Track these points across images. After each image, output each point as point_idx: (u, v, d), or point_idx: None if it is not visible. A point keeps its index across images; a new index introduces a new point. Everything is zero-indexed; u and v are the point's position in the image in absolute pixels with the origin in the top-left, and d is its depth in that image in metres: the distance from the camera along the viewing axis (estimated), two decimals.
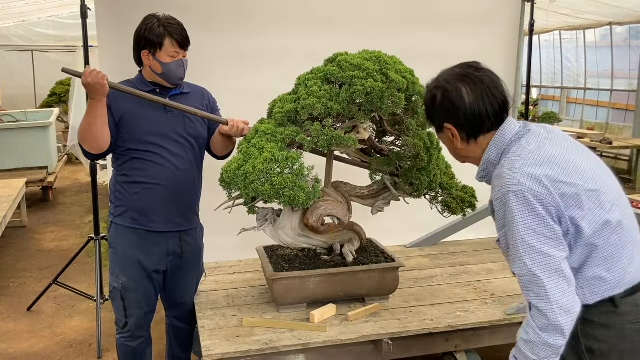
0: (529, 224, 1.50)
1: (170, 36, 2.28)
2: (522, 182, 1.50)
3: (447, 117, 1.66)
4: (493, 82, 1.63)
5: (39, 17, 9.06)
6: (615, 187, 1.63)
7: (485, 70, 1.66)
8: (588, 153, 1.65)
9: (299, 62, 2.56)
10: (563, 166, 1.54)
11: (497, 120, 1.64)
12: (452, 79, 1.64)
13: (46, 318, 3.79)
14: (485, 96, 1.61)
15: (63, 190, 7.47)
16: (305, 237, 2.50)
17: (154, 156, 2.32)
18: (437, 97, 1.66)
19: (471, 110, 1.61)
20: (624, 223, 1.58)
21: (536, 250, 1.49)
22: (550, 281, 1.48)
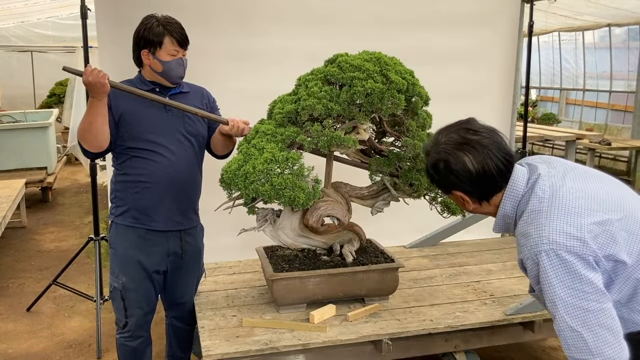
0: (566, 283, 1.44)
1: (169, 35, 2.29)
2: (553, 240, 1.45)
3: (453, 186, 1.61)
4: (494, 143, 1.57)
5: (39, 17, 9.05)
6: (633, 199, 1.59)
7: (483, 131, 1.59)
8: (596, 174, 1.63)
9: (299, 63, 2.56)
10: (584, 205, 1.49)
11: (505, 178, 1.59)
12: (452, 148, 1.58)
13: (45, 318, 3.79)
14: (489, 160, 1.55)
15: (62, 190, 7.47)
16: (305, 237, 2.50)
17: (154, 155, 2.32)
18: (439, 167, 1.61)
19: (477, 178, 1.56)
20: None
21: (576, 307, 1.43)
22: (592, 336, 1.42)
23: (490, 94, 4.00)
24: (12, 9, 7.39)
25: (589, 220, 1.47)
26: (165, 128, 2.34)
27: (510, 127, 4.11)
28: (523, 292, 2.70)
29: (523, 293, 2.69)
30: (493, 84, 4.00)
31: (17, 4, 7.02)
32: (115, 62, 2.91)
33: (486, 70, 3.95)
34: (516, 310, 2.51)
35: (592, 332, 1.42)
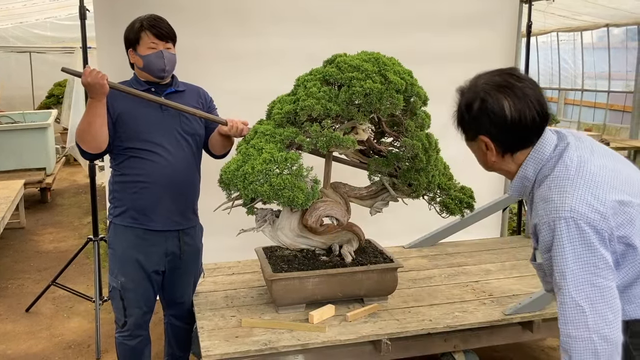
0: (579, 255, 1.42)
1: (146, 29, 2.33)
2: (575, 209, 1.42)
3: (483, 129, 1.54)
4: (536, 95, 1.51)
5: (37, 18, 9.05)
6: None
7: (527, 80, 1.53)
8: (619, 157, 1.59)
9: (298, 63, 2.57)
10: (609, 182, 1.46)
11: (537, 135, 1.54)
12: (492, 88, 1.52)
13: (45, 319, 3.79)
14: (528, 110, 1.48)
15: (61, 191, 7.46)
16: (304, 237, 2.51)
17: (151, 154, 2.33)
18: (473, 106, 1.53)
19: (512, 126, 1.49)
20: None
21: (584, 281, 1.42)
22: (593, 313, 1.41)
23: None
24: (11, 9, 7.39)
25: (613, 197, 1.44)
26: (162, 128, 2.35)
27: None
28: (522, 292, 2.71)
29: (522, 293, 2.70)
30: None
31: (16, 5, 7.02)
32: (114, 63, 2.91)
33: (485, 70, 3.95)
34: (515, 310, 2.51)
35: (594, 309, 1.41)
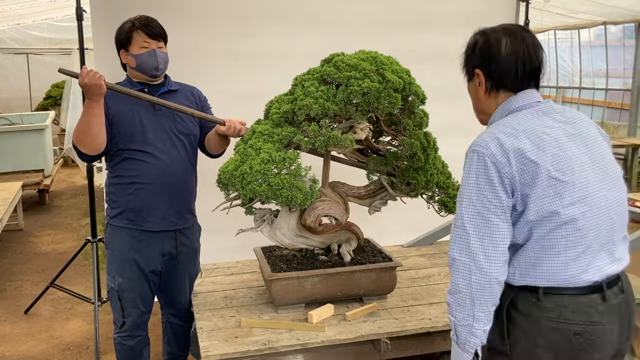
0: (480, 187, 1.54)
1: (137, 29, 2.34)
2: (488, 146, 1.54)
3: (480, 62, 1.68)
4: (534, 46, 1.64)
5: (34, 19, 9.04)
6: (603, 191, 1.59)
7: (532, 34, 1.67)
8: (595, 149, 1.62)
9: (297, 63, 2.56)
10: (538, 144, 1.54)
11: (522, 81, 1.65)
12: (498, 29, 1.68)
13: (43, 321, 3.79)
14: (521, 54, 1.62)
15: (59, 193, 7.46)
16: (303, 237, 2.50)
17: (146, 155, 2.33)
18: (477, 41, 1.69)
19: (504, 61, 1.63)
20: (580, 224, 1.54)
21: (477, 213, 1.53)
22: (478, 244, 1.53)
23: None
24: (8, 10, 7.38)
25: (530, 155, 1.52)
26: (156, 128, 2.36)
27: None
28: None
29: None
30: None
31: (13, 6, 7.01)
32: (111, 64, 2.90)
33: None
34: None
35: (479, 240, 1.53)
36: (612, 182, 1.62)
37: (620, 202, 1.63)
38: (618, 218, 1.62)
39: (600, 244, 1.58)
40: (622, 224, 1.65)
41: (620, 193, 1.64)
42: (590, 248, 1.57)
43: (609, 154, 1.66)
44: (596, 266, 1.57)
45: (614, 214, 1.61)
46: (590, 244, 1.57)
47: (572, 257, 1.56)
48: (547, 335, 1.57)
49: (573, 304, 1.56)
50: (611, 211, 1.60)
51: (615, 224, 1.61)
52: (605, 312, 1.57)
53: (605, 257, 1.59)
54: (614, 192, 1.62)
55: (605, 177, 1.61)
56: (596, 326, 1.55)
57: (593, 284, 1.57)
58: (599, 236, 1.58)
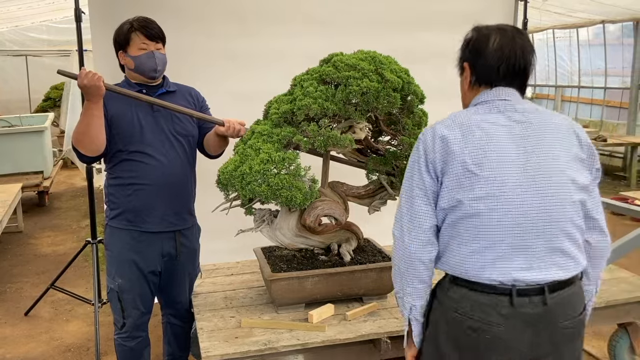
0: (413, 169, 1.65)
1: (136, 30, 2.34)
2: (426, 133, 1.63)
3: (468, 55, 1.69)
4: (523, 47, 1.63)
5: (33, 21, 9.04)
6: (524, 195, 1.53)
7: (526, 38, 1.67)
8: (537, 155, 1.56)
9: (295, 63, 2.57)
10: (466, 136, 1.57)
11: (503, 79, 1.64)
12: (492, 26, 1.68)
13: (44, 322, 3.79)
14: (508, 51, 1.61)
15: (59, 194, 7.46)
16: (303, 237, 2.50)
17: (144, 156, 2.33)
18: (470, 37, 1.70)
19: (490, 56, 1.63)
20: (484, 219, 1.54)
21: (408, 193, 1.64)
22: (407, 219, 1.64)
23: None
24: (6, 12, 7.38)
25: (454, 147, 1.57)
26: (154, 129, 2.36)
27: None
28: None
29: None
30: None
31: (11, 8, 7.01)
32: (110, 65, 2.90)
33: None
34: None
35: (409, 220, 1.63)
36: (541, 191, 1.55)
37: (550, 212, 1.54)
38: (546, 227, 1.55)
39: (511, 246, 1.54)
40: (555, 235, 1.55)
41: (551, 204, 1.55)
42: (494, 247, 1.54)
43: (559, 164, 1.57)
44: (503, 267, 1.54)
45: (538, 220, 1.54)
46: (494, 242, 1.54)
47: (472, 251, 1.56)
48: (448, 324, 1.62)
49: (474, 298, 1.57)
50: (531, 217, 1.54)
51: (538, 231, 1.54)
52: (511, 317, 1.54)
53: (520, 262, 1.54)
54: (540, 201, 1.54)
55: (534, 183, 1.55)
56: (493, 327, 1.54)
57: (499, 285, 1.55)
58: (508, 238, 1.54)
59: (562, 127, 1.62)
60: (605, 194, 6.90)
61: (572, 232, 1.58)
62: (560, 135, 1.61)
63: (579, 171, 1.59)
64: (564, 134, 1.61)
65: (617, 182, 8.29)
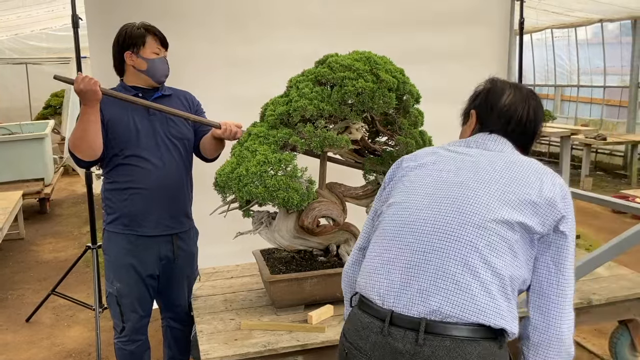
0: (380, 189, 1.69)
1: (151, 34, 2.36)
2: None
3: (478, 104, 1.65)
4: (536, 111, 1.59)
5: (32, 29, 9.08)
6: (429, 230, 1.41)
7: (539, 102, 1.62)
8: (463, 191, 1.44)
9: (295, 67, 2.57)
10: (418, 156, 1.62)
11: (508, 135, 1.58)
12: (509, 81, 1.66)
13: (45, 328, 3.79)
14: (520, 110, 1.57)
15: (60, 201, 7.47)
16: (301, 238, 2.51)
17: (140, 160, 2.34)
18: (484, 89, 1.67)
19: (499, 110, 1.58)
20: (387, 235, 1.48)
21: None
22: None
23: None
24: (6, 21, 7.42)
25: (404, 162, 1.63)
26: (150, 133, 2.37)
27: None
28: None
29: None
30: None
31: (10, 16, 7.04)
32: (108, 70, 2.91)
33: (478, 68, 3.96)
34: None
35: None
36: (447, 231, 1.40)
37: (449, 253, 1.37)
38: (443, 265, 1.37)
39: (400, 272, 1.41)
40: (451, 275, 1.35)
41: (455, 245, 1.38)
42: (386, 267, 1.45)
43: (483, 196, 1.41)
44: (384, 291, 1.42)
45: (435, 258, 1.38)
46: (387, 263, 1.45)
47: (369, 266, 1.50)
48: (343, 340, 1.53)
49: (357, 318, 1.47)
50: (427, 253, 1.40)
51: (432, 267, 1.38)
52: (379, 347, 1.38)
53: (407, 292, 1.38)
54: (442, 239, 1.40)
55: (439, 204, 1.44)
56: (361, 356, 1.41)
57: (380, 309, 1.41)
58: (400, 264, 1.42)
59: (524, 167, 1.47)
60: (606, 193, 6.91)
61: (477, 268, 1.35)
62: (516, 173, 1.45)
63: (520, 212, 1.39)
64: (522, 174, 1.45)
65: (618, 181, 8.28)
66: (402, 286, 1.39)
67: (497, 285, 1.34)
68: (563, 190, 1.45)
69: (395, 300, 1.39)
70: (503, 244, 1.37)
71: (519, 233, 1.39)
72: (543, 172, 1.47)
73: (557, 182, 1.46)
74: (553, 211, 1.41)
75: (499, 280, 1.35)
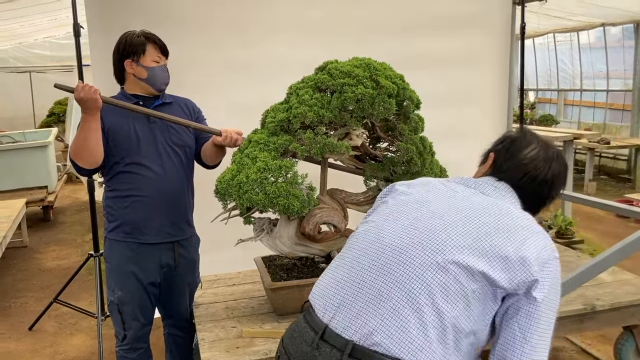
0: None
1: (151, 42, 2.37)
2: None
3: (499, 147, 1.58)
4: (556, 175, 1.50)
5: (36, 38, 9.13)
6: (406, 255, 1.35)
7: (564, 168, 1.53)
8: (431, 224, 1.39)
9: (295, 73, 2.57)
10: (411, 184, 1.58)
11: (517, 188, 1.49)
12: (540, 137, 1.56)
13: (48, 337, 3.79)
14: (539, 171, 1.49)
15: (63, 209, 7.48)
16: (303, 245, 2.50)
17: (141, 168, 2.34)
18: (511, 135, 1.58)
19: (518, 160, 1.51)
20: (348, 255, 1.46)
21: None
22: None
23: (485, 97, 4.00)
24: (10, 30, 7.46)
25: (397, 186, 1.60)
26: (151, 141, 2.37)
27: (507, 129, 4.11)
28: None
29: None
30: (487, 86, 4.00)
31: (14, 25, 7.09)
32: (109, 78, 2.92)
33: (480, 72, 3.96)
34: None
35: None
36: (406, 262, 1.34)
37: (400, 283, 1.32)
38: (390, 293, 1.32)
39: (348, 290, 1.37)
40: (393, 305, 1.30)
41: (408, 277, 1.32)
42: (337, 281, 1.42)
43: (454, 249, 1.33)
44: (327, 303, 1.39)
45: (385, 284, 1.33)
46: (341, 278, 1.42)
47: (325, 276, 1.49)
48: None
49: (297, 322, 1.47)
50: (378, 278, 1.35)
51: (379, 292, 1.33)
52: (305, 358, 1.36)
53: (347, 310, 1.34)
54: (399, 270, 1.34)
55: (405, 249, 1.37)
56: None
57: (317, 320, 1.39)
58: (351, 282, 1.39)
59: (514, 220, 1.38)
60: (610, 197, 6.88)
61: (422, 306, 1.28)
62: (502, 223, 1.36)
63: (488, 262, 1.31)
64: (508, 226, 1.36)
65: (622, 185, 8.24)
66: (345, 303, 1.36)
67: (437, 329, 1.26)
68: (548, 255, 1.34)
69: (333, 316, 1.36)
70: (458, 291, 1.29)
71: (479, 283, 1.29)
72: (533, 231, 1.36)
73: (543, 245, 1.34)
74: (524, 271, 1.29)
75: (441, 325, 1.27)
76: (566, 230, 5.39)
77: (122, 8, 3.16)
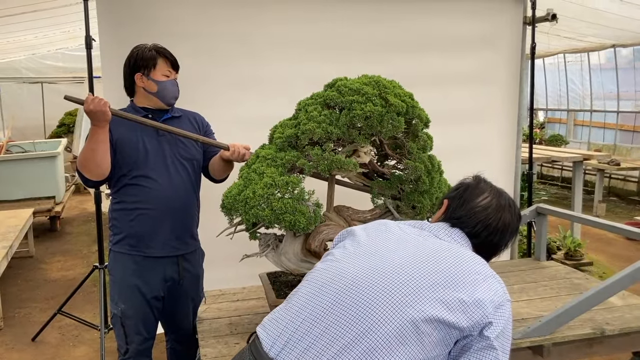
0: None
1: (162, 56, 2.38)
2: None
3: (452, 195, 1.65)
4: (506, 227, 1.57)
5: (49, 49, 9.25)
6: (368, 299, 1.34)
7: (516, 217, 1.60)
8: (396, 271, 1.39)
9: (303, 89, 2.57)
10: (368, 226, 1.63)
11: (472, 237, 1.56)
12: (492, 186, 1.63)
13: (50, 348, 3.77)
14: (490, 221, 1.55)
15: (70, 219, 7.50)
16: (308, 262, 2.47)
17: (148, 181, 2.34)
18: (465, 183, 1.66)
19: (469, 210, 1.57)
20: (304, 290, 1.44)
21: None
22: None
23: (495, 116, 3.99)
24: (23, 41, 7.56)
25: (355, 229, 1.65)
26: (159, 154, 2.37)
27: (516, 149, 4.09)
28: (531, 316, 2.65)
29: (531, 317, 2.64)
30: (497, 106, 3.99)
31: (28, 36, 7.18)
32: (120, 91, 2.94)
33: (490, 92, 3.95)
34: (524, 334, 2.45)
35: None
36: (366, 307, 1.33)
37: (355, 329, 1.30)
38: (343, 330, 1.31)
39: (299, 326, 1.36)
40: (344, 340, 1.29)
41: (364, 325, 1.30)
42: (289, 316, 1.40)
43: (414, 285, 1.35)
44: (276, 337, 1.38)
45: (337, 325, 1.32)
46: (293, 313, 1.41)
47: (279, 309, 1.47)
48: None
49: (242, 352, 1.46)
50: (331, 316, 1.34)
51: (331, 332, 1.32)
52: None
53: (294, 347, 1.34)
54: (357, 315, 1.32)
55: (363, 293, 1.36)
56: None
57: (264, 354, 1.37)
58: (302, 318, 1.37)
59: (468, 264, 1.42)
60: (620, 219, 6.81)
61: (374, 349, 1.28)
62: (455, 269, 1.39)
63: (447, 309, 1.32)
64: (462, 271, 1.39)
65: (632, 207, 8.17)
66: (293, 340, 1.35)
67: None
68: (500, 298, 1.37)
69: (280, 351, 1.35)
70: (413, 336, 1.29)
71: (437, 329, 1.31)
72: (487, 275, 1.41)
73: (496, 289, 1.39)
74: (480, 313, 1.33)
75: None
76: (575, 252, 5.33)
77: (134, 22, 3.19)
